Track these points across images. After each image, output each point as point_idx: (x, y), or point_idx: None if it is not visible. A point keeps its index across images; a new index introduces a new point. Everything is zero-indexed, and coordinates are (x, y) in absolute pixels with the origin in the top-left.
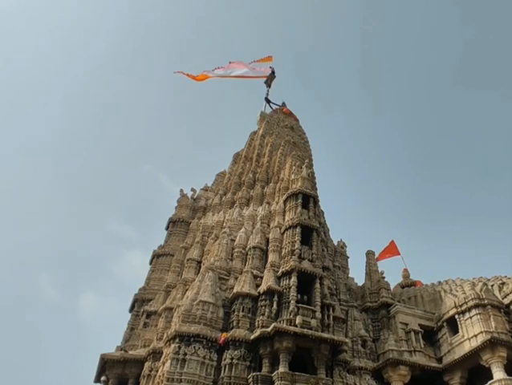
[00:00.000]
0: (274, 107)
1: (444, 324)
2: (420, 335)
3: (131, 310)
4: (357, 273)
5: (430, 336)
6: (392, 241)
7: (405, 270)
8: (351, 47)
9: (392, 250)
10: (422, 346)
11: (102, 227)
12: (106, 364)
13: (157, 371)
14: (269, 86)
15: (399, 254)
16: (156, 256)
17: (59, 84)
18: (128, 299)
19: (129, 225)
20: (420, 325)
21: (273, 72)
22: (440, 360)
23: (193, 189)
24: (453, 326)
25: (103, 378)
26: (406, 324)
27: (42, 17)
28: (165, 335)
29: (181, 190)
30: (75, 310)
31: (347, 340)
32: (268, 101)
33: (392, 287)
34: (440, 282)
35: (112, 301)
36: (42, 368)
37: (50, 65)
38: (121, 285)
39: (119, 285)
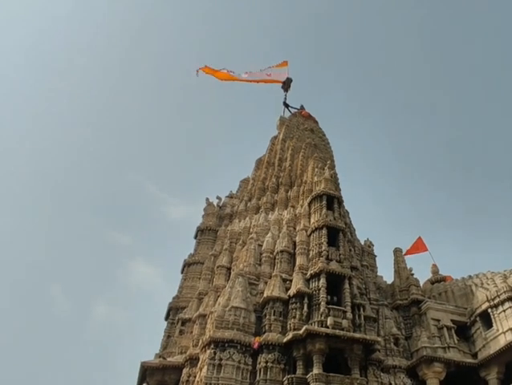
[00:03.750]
0: (292, 110)
1: (477, 318)
2: (453, 331)
3: (166, 318)
4: (385, 272)
5: (463, 331)
6: (419, 238)
7: (434, 266)
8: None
9: (419, 247)
10: (456, 341)
11: (100, 237)
12: (146, 371)
13: (195, 377)
14: (286, 90)
15: (426, 250)
16: (186, 264)
17: (55, 86)
18: (140, 307)
19: (126, 235)
20: (452, 320)
21: (289, 78)
22: (475, 356)
23: (218, 197)
24: (486, 320)
25: None
26: (438, 320)
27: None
28: (200, 342)
29: (207, 199)
30: (87, 320)
31: (379, 339)
32: (286, 105)
33: (421, 283)
34: (470, 276)
35: (123, 310)
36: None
37: (45, 62)
38: (130, 293)
39: (127, 293)
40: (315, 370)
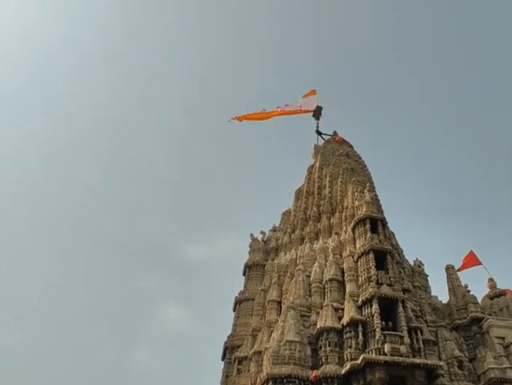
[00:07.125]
0: (325, 137)
1: None
2: None
3: (223, 357)
4: (439, 291)
5: None
6: (471, 251)
7: (491, 280)
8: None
9: (471, 261)
10: None
11: (131, 282)
12: None
13: None
14: (317, 118)
15: (480, 264)
16: (238, 302)
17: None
18: (177, 349)
19: (153, 279)
20: None
21: (319, 106)
22: None
23: (262, 232)
24: None
25: None
26: (503, 338)
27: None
28: (258, 379)
29: (251, 234)
30: (130, 366)
31: (441, 363)
32: (319, 133)
33: (479, 300)
34: None
35: (164, 354)
36: None
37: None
38: (165, 336)
39: (163, 336)
40: None
